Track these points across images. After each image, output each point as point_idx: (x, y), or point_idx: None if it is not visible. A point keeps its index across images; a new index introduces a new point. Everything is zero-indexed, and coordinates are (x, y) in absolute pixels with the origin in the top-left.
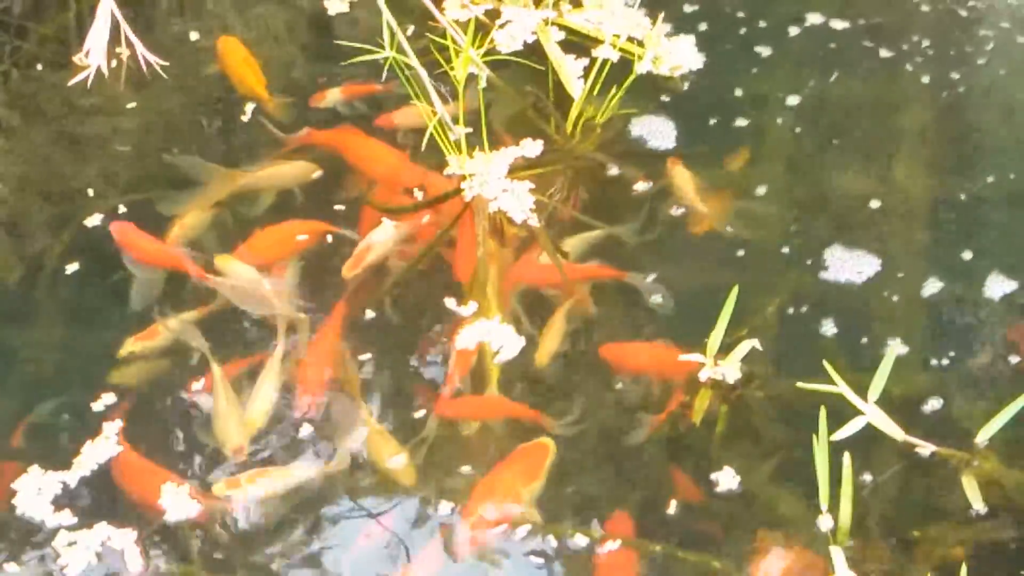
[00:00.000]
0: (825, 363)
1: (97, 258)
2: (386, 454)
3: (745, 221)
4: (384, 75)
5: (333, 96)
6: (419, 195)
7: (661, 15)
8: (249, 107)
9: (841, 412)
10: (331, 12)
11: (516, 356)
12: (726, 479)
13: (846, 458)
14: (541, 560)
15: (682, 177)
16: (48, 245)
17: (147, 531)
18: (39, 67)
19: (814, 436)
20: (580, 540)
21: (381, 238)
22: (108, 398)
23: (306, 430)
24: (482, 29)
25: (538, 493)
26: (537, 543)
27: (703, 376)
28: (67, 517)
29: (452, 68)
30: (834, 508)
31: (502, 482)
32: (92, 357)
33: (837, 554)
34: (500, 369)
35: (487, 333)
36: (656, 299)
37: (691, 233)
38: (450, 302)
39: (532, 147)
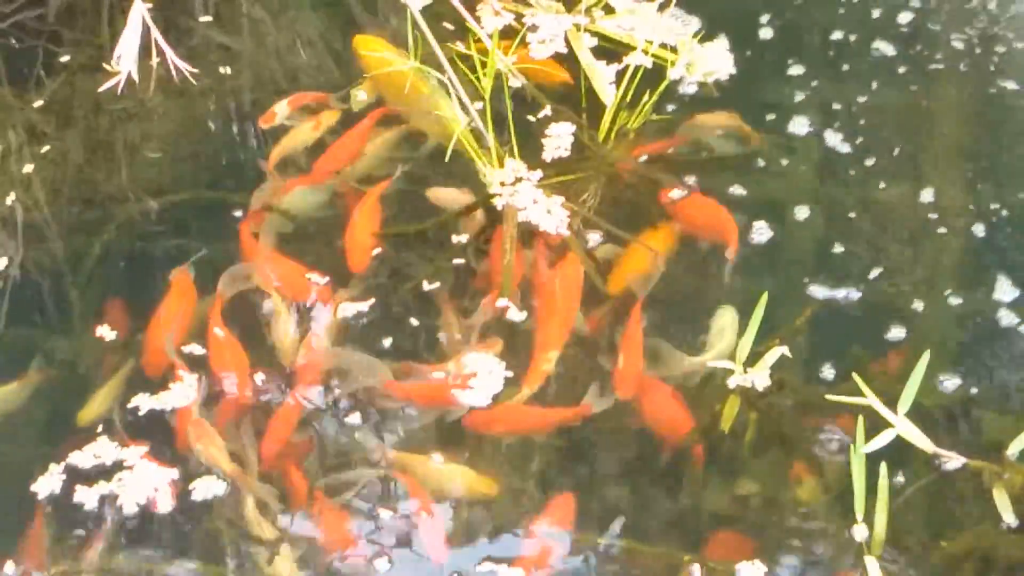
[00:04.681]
0: (855, 375)
1: (130, 262)
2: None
3: (776, 227)
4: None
5: (281, 111)
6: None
7: (694, 21)
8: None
9: (872, 421)
10: (361, 21)
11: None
12: (756, 487)
13: (882, 468)
14: (569, 568)
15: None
16: (80, 249)
17: None
18: (71, 73)
19: (851, 446)
20: (609, 548)
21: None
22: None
23: None
24: (512, 35)
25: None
26: (565, 550)
27: (732, 383)
28: None
29: (483, 74)
30: (869, 518)
31: None
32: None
33: (872, 564)
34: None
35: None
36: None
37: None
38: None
39: (564, 155)
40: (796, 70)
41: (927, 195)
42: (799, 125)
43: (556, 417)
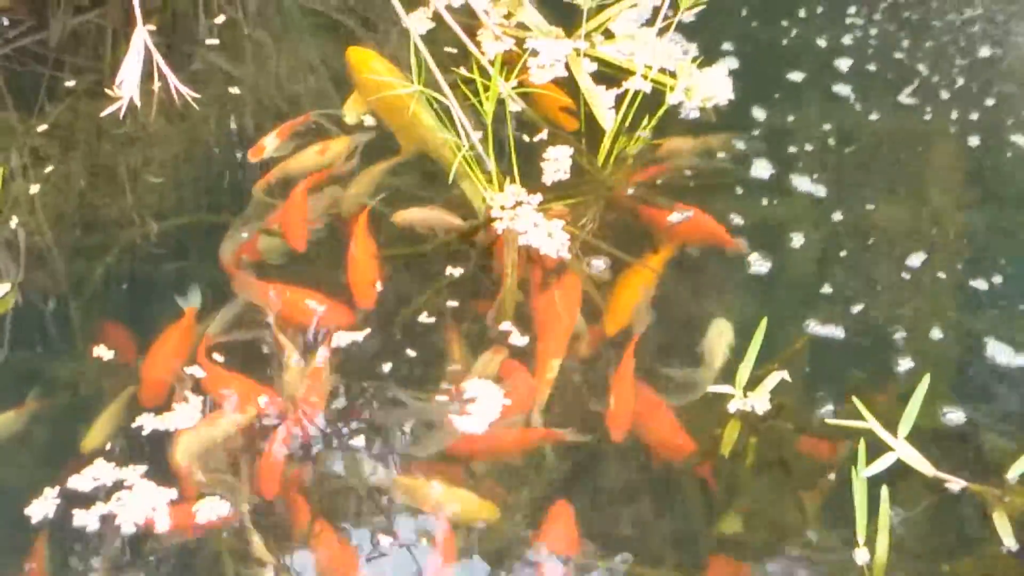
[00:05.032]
0: (855, 399)
1: (131, 286)
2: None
3: (774, 251)
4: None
5: (271, 143)
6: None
7: (693, 46)
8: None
9: (872, 444)
10: (363, 44)
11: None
12: (757, 510)
13: (883, 492)
14: None
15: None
16: (82, 274)
17: None
18: (74, 97)
19: (851, 469)
20: (610, 572)
21: None
22: (146, 419)
23: None
24: (513, 61)
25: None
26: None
27: (732, 408)
28: None
29: (486, 98)
30: (870, 541)
31: None
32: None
33: None
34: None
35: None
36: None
37: (721, 266)
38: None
39: (564, 179)
40: (794, 95)
41: (926, 220)
42: (796, 150)
43: (532, 438)
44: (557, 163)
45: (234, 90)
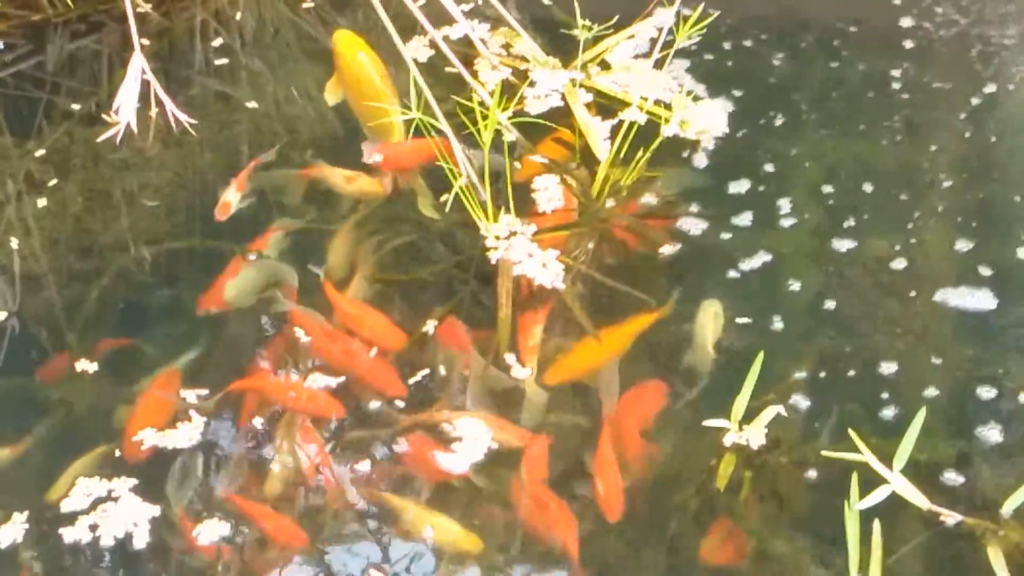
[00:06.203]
0: (850, 431)
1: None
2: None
3: (770, 281)
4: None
5: (233, 198)
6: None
7: (688, 78)
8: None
9: (867, 477)
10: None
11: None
12: (750, 543)
13: (876, 525)
14: None
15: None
16: (77, 299)
17: None
18: (71, 122)
19: (846, 502)
20: None
21: None
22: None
23: None
24: (510, 91)
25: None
26: None
27: (728, 441)
28: None
29: (483, 127)
30: (863, 575)
31: None
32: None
33: None
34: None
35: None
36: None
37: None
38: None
39: (558, 209)
40: (790, 126)
41: (923, 252)
42: (792, 179)
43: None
44: (551, 193)
45: (231, 116)
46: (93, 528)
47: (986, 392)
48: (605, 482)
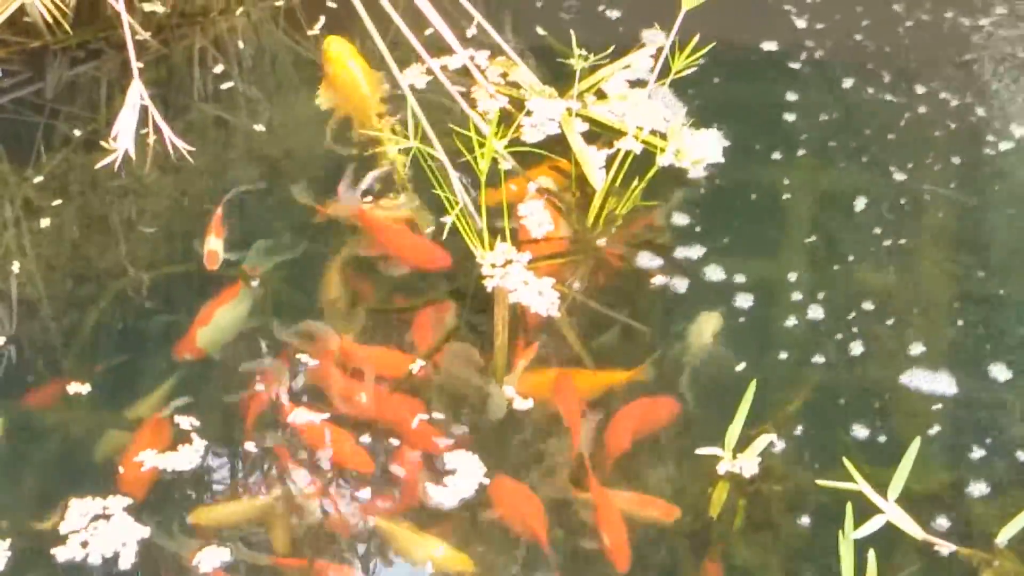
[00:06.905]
0: (845, 460)
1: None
2: None
3: (765, 309)
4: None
5: (217, 246)
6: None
7: (684, 108)
8: (276, 189)
9: (861, 506)
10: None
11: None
12: (744, 573)
13: (871, 555)
14: None
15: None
16: (74, 325)
17: None
18: (70, 149)
19: (839, 532)
20: None
21: None
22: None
23: None
24: (507, 120)
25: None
26: None
27: (721, 470)
28: None
29: (480, 155)
30: None
31: None
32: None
33: None
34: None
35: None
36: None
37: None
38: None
39: (554, 238)
40: (785, 156)
41: (917, 279)
42: (787, 209)
43: None
44: (547, 221)
45: (229, 142)
46: (84, 545)
47: (982, 422)
48: (611, 536)
